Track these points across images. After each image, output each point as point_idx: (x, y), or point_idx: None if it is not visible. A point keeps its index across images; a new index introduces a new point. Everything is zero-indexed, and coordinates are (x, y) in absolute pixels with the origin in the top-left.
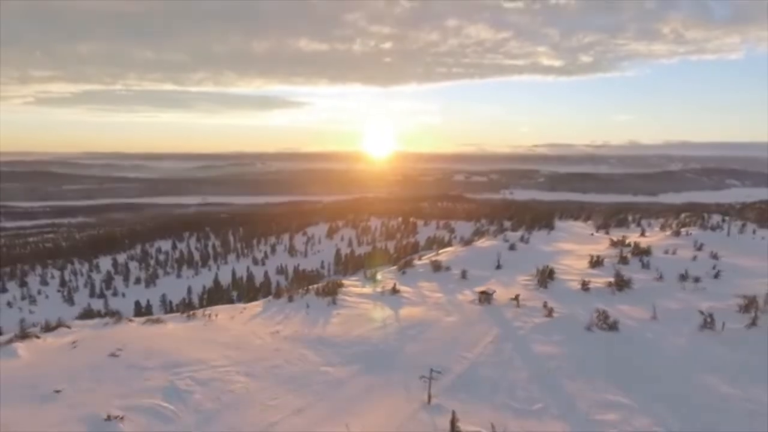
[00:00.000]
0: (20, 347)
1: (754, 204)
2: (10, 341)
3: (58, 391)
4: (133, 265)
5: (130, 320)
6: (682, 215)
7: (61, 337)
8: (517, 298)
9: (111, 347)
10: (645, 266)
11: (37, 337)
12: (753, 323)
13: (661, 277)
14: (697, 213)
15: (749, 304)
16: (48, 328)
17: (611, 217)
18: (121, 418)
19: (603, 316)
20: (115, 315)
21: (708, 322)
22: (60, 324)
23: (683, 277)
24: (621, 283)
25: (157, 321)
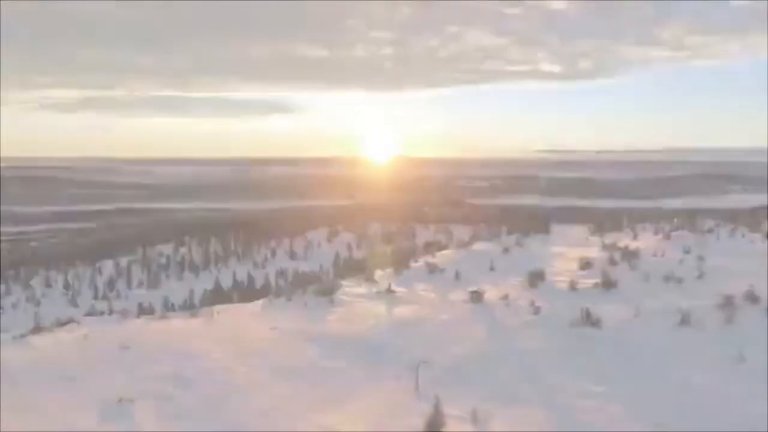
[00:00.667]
0: (35, 339)
1: (750, 209)
2: (25, 334)
3: (72, 378)
4: (136, 269)
5: (137, 317)
6: (675, 220)
7: (72, 332)
8: (506, 297)
9: (120, 340)
10: (633, 268)
11: (50, 331)
12: (729, 320)
13: (647, 278)
14: (691, 217)
15: (726, 303)
16: (59, 324)
17: (606, 222)
18: (132, 401)
19: (587, 314)
20: (122, 312)
21: (686, 320)
22: (70, 320)
23: (668, 278)
24: (607, 284)
25: (163, 318)
